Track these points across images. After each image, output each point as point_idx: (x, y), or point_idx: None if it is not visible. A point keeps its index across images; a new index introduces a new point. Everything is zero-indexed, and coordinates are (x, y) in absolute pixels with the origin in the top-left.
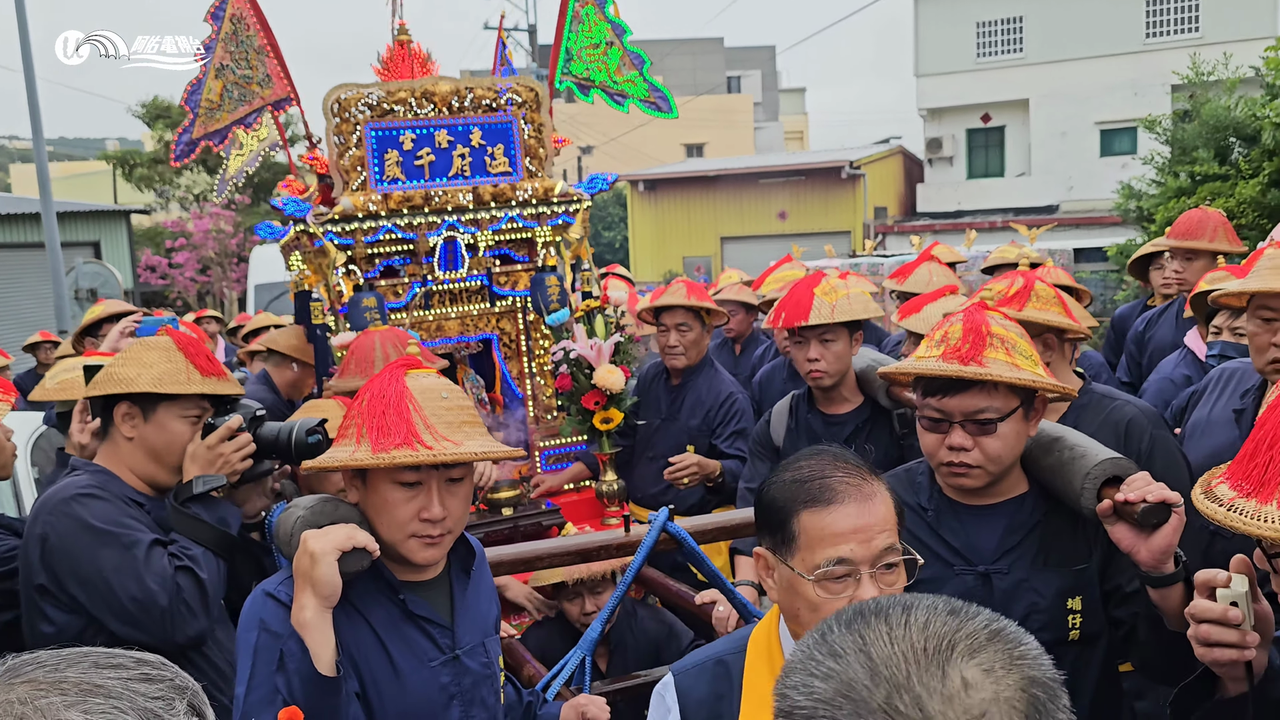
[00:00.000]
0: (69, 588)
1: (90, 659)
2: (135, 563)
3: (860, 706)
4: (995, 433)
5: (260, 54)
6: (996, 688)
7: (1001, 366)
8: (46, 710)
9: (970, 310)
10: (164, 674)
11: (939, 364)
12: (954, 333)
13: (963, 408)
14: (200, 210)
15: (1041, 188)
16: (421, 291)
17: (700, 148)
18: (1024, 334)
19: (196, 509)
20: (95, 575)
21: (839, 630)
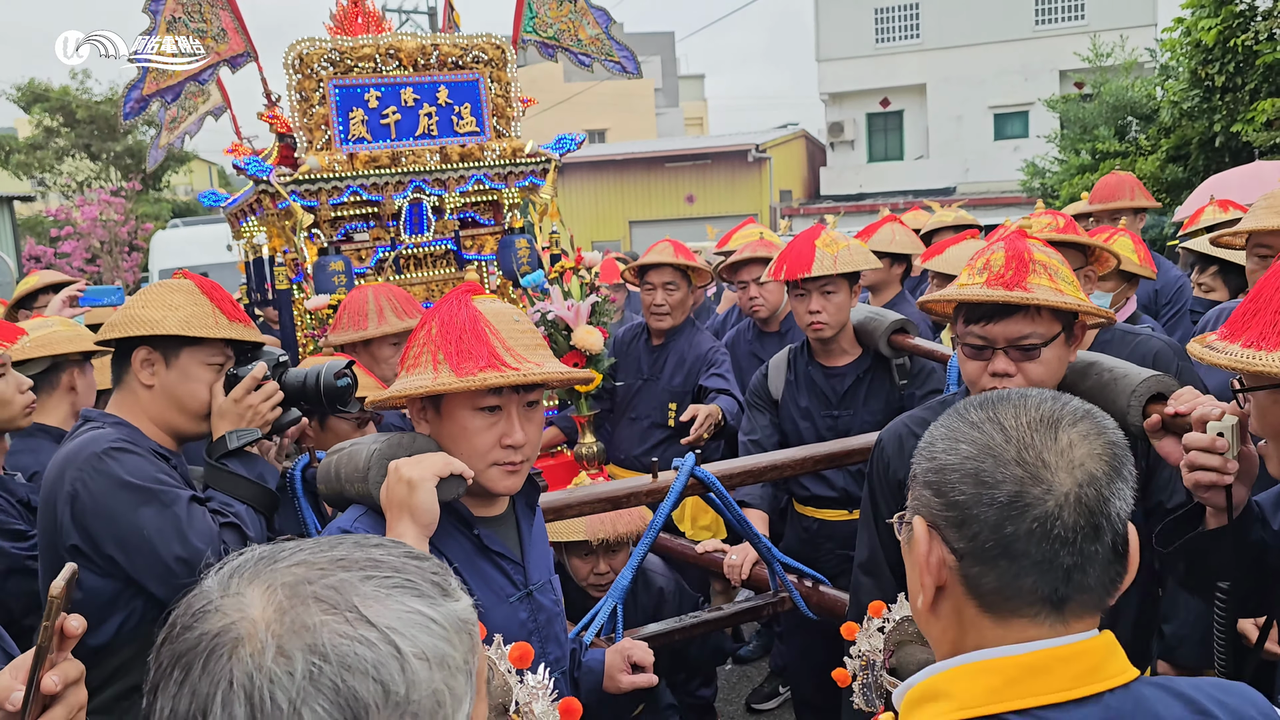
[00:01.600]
0: (106, 549)
1: (347, 540)
2: (178, 521)
3: (999, 459)
4: (1039, 358)
5: (214, 7)
6: (1090, 446)
7: (1046, 292)
8: (341, 587)
9: (1011, 238)
10: (424, 553)
11: (983, 289)
12: (996, 260)
13: (1006, 334)
14: (86, 198)
15: (939, 170)
16: (389, 256)
17: (602, 133)
18: (1065, 261)
19: (234, 465)
20: (135, 535)
21: (975, 411)
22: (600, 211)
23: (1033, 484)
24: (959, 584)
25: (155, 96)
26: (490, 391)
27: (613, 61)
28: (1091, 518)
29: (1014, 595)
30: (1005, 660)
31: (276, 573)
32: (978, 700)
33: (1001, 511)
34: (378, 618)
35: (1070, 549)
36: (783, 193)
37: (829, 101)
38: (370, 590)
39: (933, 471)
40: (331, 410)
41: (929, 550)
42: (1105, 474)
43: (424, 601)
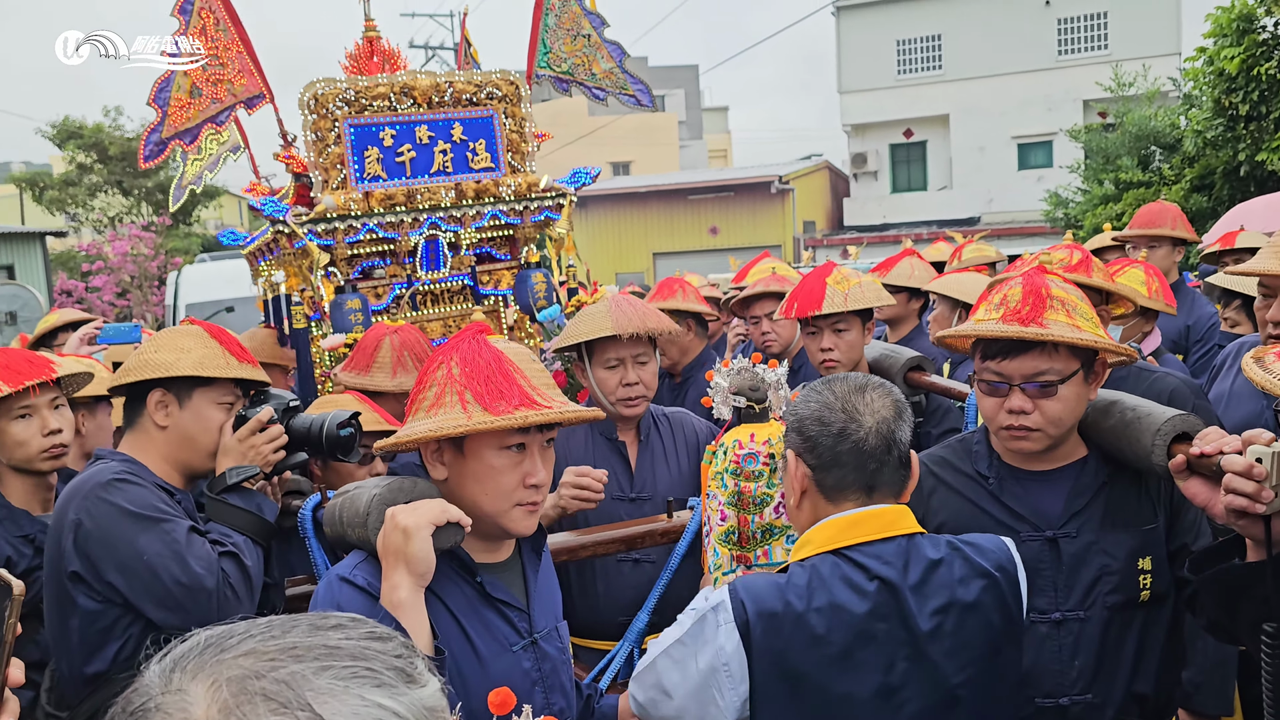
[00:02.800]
0: (106, 575)
1: (302, 623)
2: (177, 546)
3: (831, 409)
4: (1056, 395)
5: (230, 50)
6: (883, 401)
7: (1063, 328)
8: (293, 681)
9: (1030, 273)
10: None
11: (999, 325)
12: (1013, 295)
13: (1023, 370)
14: (117, 232)
15: (963, 200)
16: (405, 293)
17: (626, 166)
18: (1084, 297)
19: (232, 498)
20: (136, 561)
21: (820, 385)
22: (623, 243)
23: (850, 422)
24: (812, 485)
25: (174, 138)
26: (518, 430)
27: (627, 95)
28: (885, 440)
29: (844, 487)
30: (838, 520)
31: (223, 665)
32: (824, 542)
33: (834, 439)
34: (333, 715)
35: (874, 459)
36: (806, 224)
37: (851, 133)
38: (325, 684)
39: (796, 421)
40: (332, 458)
41: (795, 469)
42: (893, 416)
43: (385, 692)
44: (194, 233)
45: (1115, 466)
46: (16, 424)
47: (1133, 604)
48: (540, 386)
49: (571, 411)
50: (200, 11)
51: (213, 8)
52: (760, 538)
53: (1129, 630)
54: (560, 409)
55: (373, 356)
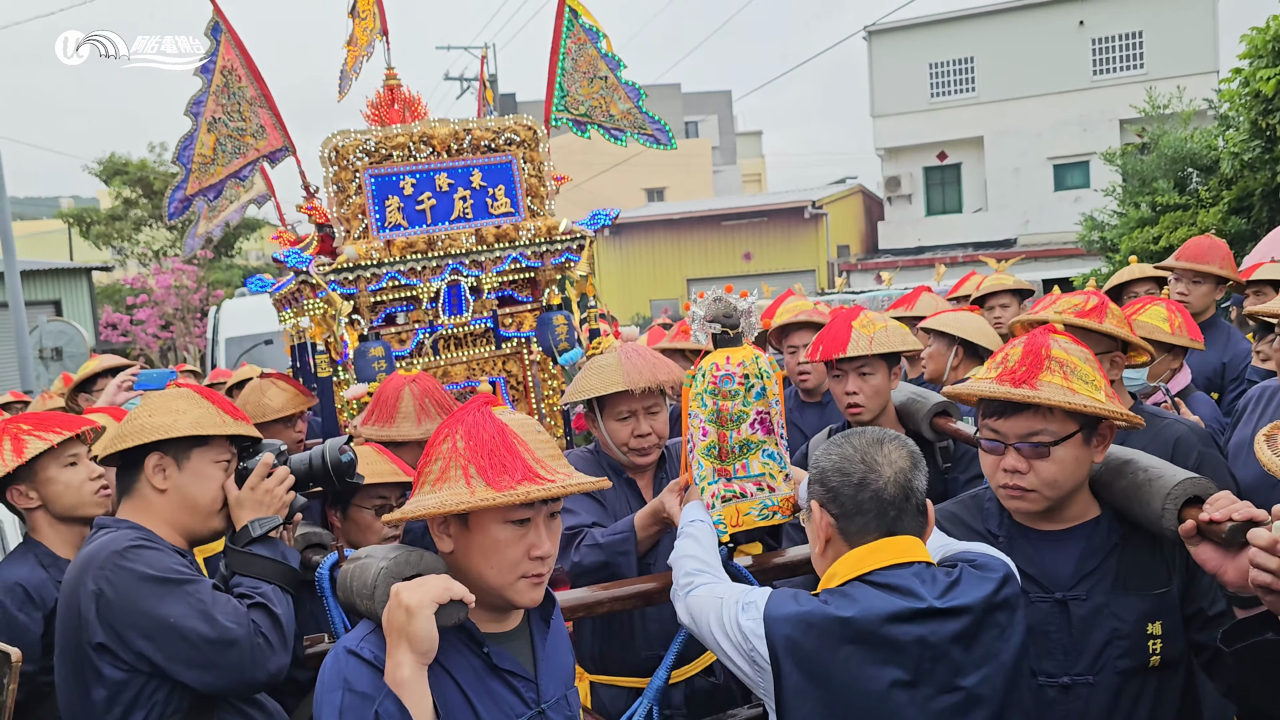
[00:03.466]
0: (134, 644)
1: None
2: (203, 605)
3: (852, 461)
4: (1049, 457)
5: (253, 105)
6: (900, 452)
7: (1055, 390)
8: None
9: (1035, 332)
10: None
11: (992, 385)
12: (1013, 354)
13: (1016, 430)
14: (161, 266)
15: (999, 222)
16: (427, 338)
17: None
18: (1089, 358)
19: (258, 548)
20: (163, 625)
21: (840, 439)
22: (658, 270)
23: (870, 473)
24: (836, 533)
25: (198, 195)
26: (522, 504)
27: (645, 134)
28: (903, 489)
29: (866, 533)
30: (859, 550)
31: None
32: (848, 572)
33: (856, 488)
34: None
35: (893, 506)
36: (840, 248)
37: (885, 156)
38: None
39: (818, 472)
40: (341, 484)
41: (820, 518)
42: (909, 466)
43: None
44: (235, 265)
45: (1129, 527)
46: (67, 471)
47: (1143, 669)
48: (544, 458)
49: (574, 483)
50: (222, 69)
51: (233, 66)
52: (738, 451)
53: (1141, 697)
54: (564, 481)
55: (395, 407)
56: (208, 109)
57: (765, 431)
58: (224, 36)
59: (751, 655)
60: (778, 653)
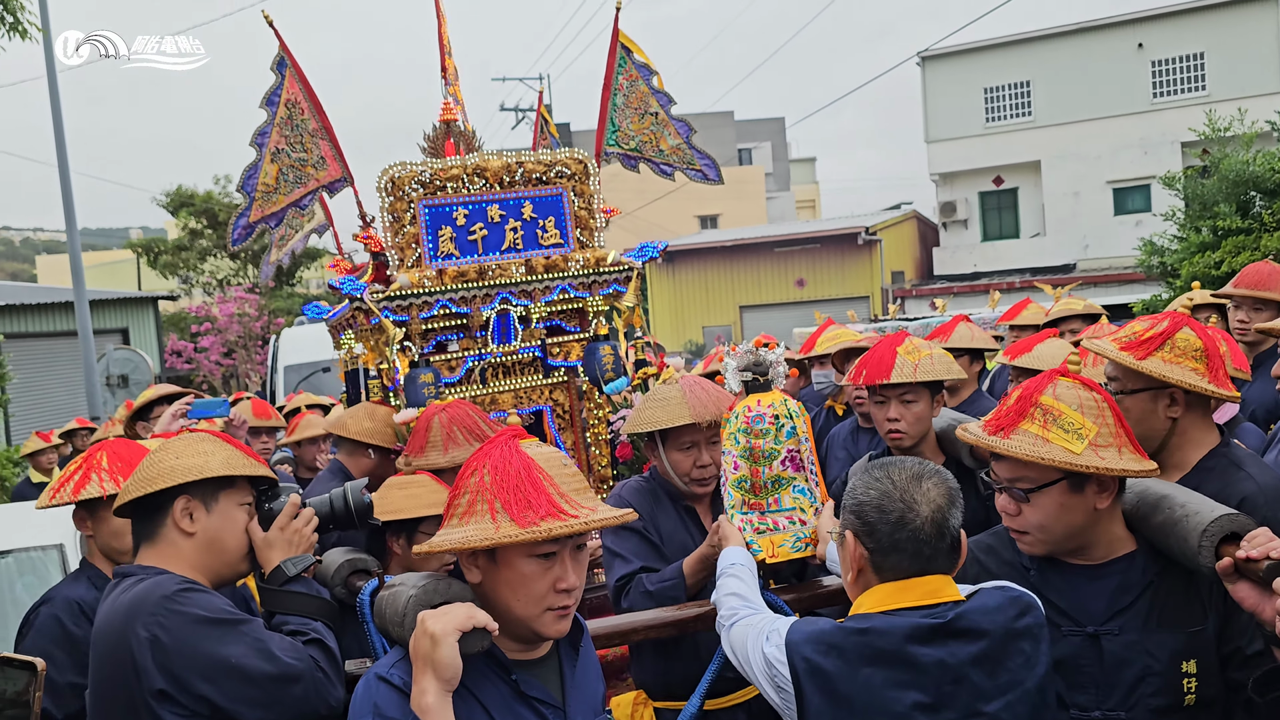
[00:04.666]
0: (195, 687)
1: None
2: (261, 643)
3: (890, 498)
4: (1030, 503)
5: (314, 136)
6: (938, 489)
7: (1024, 439)
8: None
9: (1036, 378)
10: None
11: (977, 431)
12: (1012, 398)
13: (1003, 474)
14: (225, 295)
15: (1056, 247)
16: (476, 365)
17: (714, 219)
18: (1090, 405)
19: (296, 587)
20: (225, 667)
21: (878, 471)
22: (711, 297)
23: (909, 511)
24: (868, 565)
25: (260, 223)
26: (551, 540)
27: (694, 170)
28: (939, 528)
29: (898, 570)
30: (889, 585)
31: None
32: (874, 606)
33: (893, 526)
34: None
35: (929, 545)
36: (894, 274)
37: (940, 181)
38: None
39: (856, 505)
40: (362, 525)
41: (854, 549)
42: (947, 504)
43: None
44: (296, 293)
45: (1165, 563)
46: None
47: (1177, 708)
48: (569, 493)
49: (598, 518)
50: (286, 102)
51: (297, 99)
52: (771, 487)
53: None
54: (587, 517)
55: (425, 437)
56: (271, 140)
57: (795, 468)
58: (289, 71)
59: (775, 680)
60: (799, 675)
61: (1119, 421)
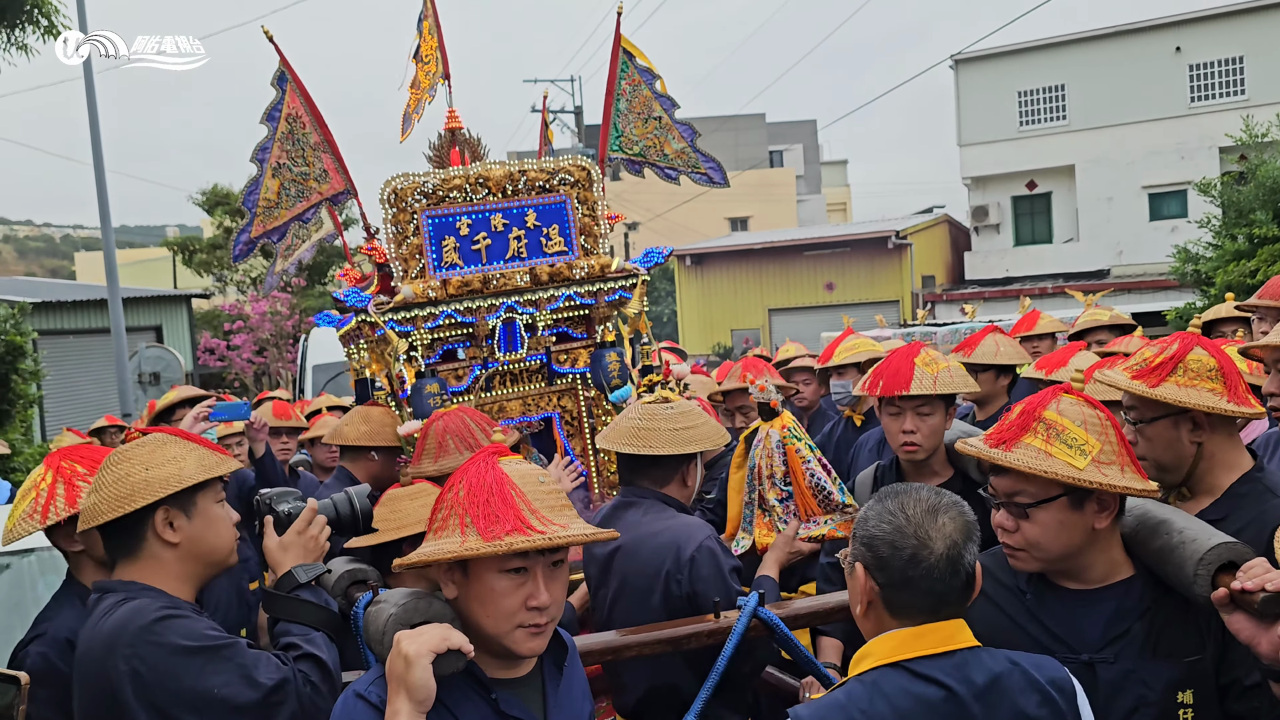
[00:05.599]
0: (180, 718)
1: None
2: (244, 668)
3: (904, 534)
4: (1029, 518)
5: (316, 150)
6: (955, 523)
7: (1027, 453)
8: None
9: (1042, 392)
10: None
11: (978, 443)
12: (1015, 412)
13: (1003, 488)
14: (258, 293)
15: (1090, 253)
16: (483, 374)
17: (744, 221)
18: (1093, 421)
19: (305, 594)
20: (207, 697)
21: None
22: (740, 300)
23: (922, 548)
24: (879, 600)
25: (263, 238)
26: (517, 554)
27: (699, 174)
28: (954, 565)
29: (910, 608)
30: (900, 632)
31: None
32: (885, 655)
33: (906, 563)
34: None
35: (942, 583)
36: (925, 278)
37: (972, 185)
38: None
39: (867, 537)
40: (366, 530)
41: (864, 582)
42: (962, 539)
43: None
44: (328, 292)
45: (1163, 590)
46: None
47: None
48: (542, 510)
49: (566, 535)
50: (287, 117)
51: (299, 113)
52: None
53: None
54: (554, 533)
55: (422, 444)
56: (273, 155)
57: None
58: (289, 85)
59: None
60: None
61: (1121, 441)
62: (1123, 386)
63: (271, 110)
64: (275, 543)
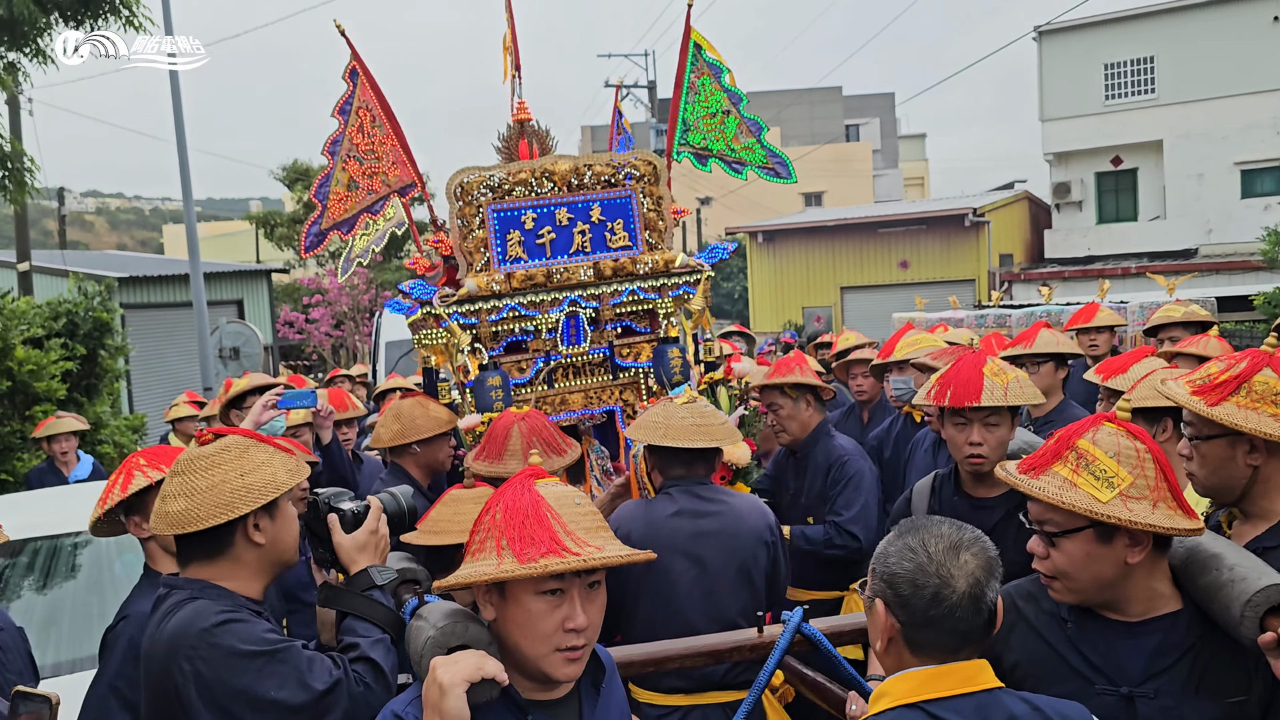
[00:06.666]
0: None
1: None
2: (298, 672)
3: (925, 573)
4: (1057, 547)
5: (385, 144)
6: (978, 560)
7: (1052, 481)
8: None
9: (1084, 420)
10: None
11: (1009, 470)
12: (1053, 439)
13: (1033, 514)
14: (335, 267)
15: (1177, 231)
16: (545, 367)
17: (819, 196)
18: (1128, 454)
19: (377, 594)
20: (265, 700)
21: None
22: (811, 277)
23: (944, 587)
24: (899, 637)
25: (333, 229)
26: (553, 576)
27: (766, 169)
28: (976, 603)
29: (931, 646)
30: (920, 672)
31: None
32: (903, 695)
33: (928, 603)
34: None
35: (965, 622)
36: (1003, 256)
37: (1054, 161)
38: None
39: (888, 574)
40: (410, 529)
41: (885, 619)
42: (985, 576)
43: None
44: (405, 267)
45: (1211, 626)
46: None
47: None
48: (578, 531)
49: (601, 557)
50: (358, 110)
51: (369, 106)
52: None
53: None
54: (590, 555)
55: (504, 445)
56: (343, 148)
57: None
58: (360, 79)
59: None
60: None
61: (1160, 474)
62: (1180, 402)
63: (343, 104)
64: (350, 542)
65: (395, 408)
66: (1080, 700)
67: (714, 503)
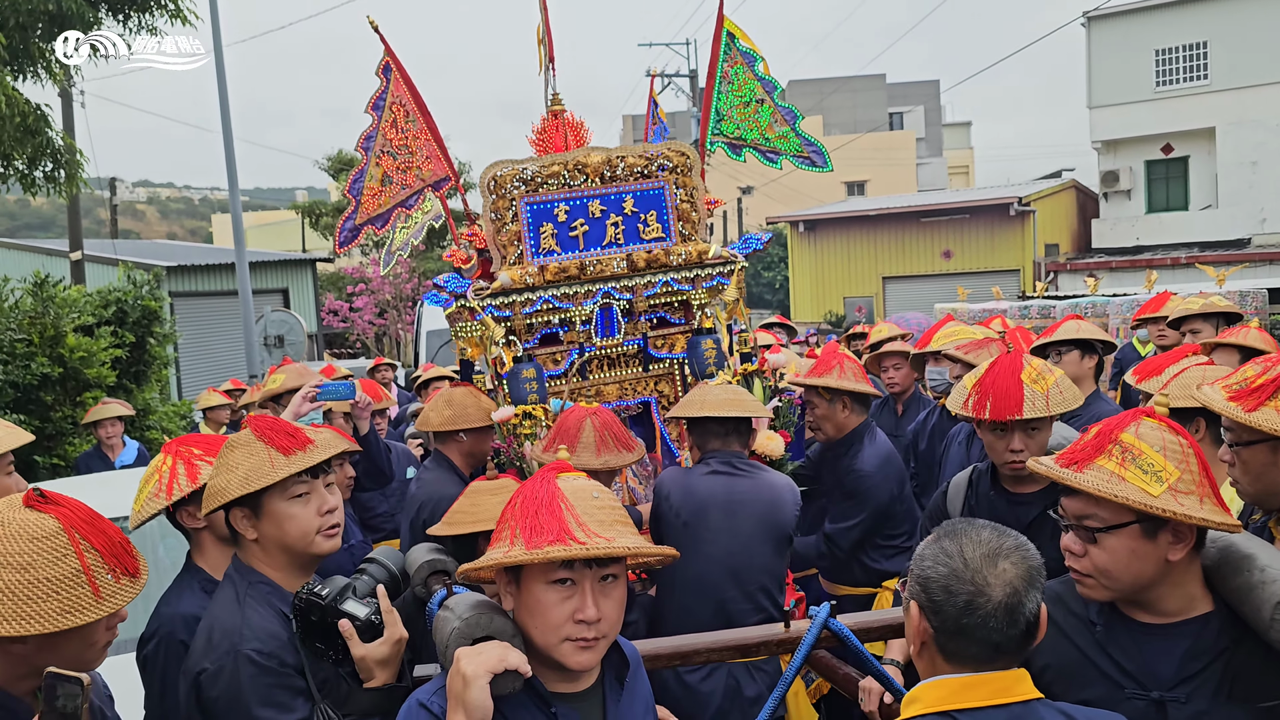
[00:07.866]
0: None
1: None
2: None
3: (960, 579)
4: (1098, 544)
5: (419, 139)
6: (1017, 569)
7: (1099, 475)
8: None
9: (1123, 414)
10: None
11: (1050, 462)
12: (1090, 433)
13: (1072, 510)
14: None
15: (1229, 221)
16: (579, 359)
17: (861, 185)
18: (1173, 448)
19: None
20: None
21: (949, 541)
22: (853, 267)
23: (979, 595)
24: (932, 642)
25: (367, 224)
26: (562, 565)
27: (801, 158)
28: (1011, 614)
29: (963, 655)
30: (952, 680)
31: None
32: (933, 703)
33: (960, 610)
34: None
35: (998, 632)
36: (1049, 246)
37: (1102, 149)
38: None
39: (923, 578)
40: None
41: (919, 622)
42: (1024, 586)
43: None
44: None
45: (1244, 629)
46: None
47: None
48: (589, 523)
49: (607, 547)
50: (392, 106)
51: (403, 101)
52: None
53: None
54: (594, 544)
55: (577, 437)
56: (377, 144)
57: None
58: (394, 75)
59: None
60: None
61: (1204, 471)
62: (1216, 408)
63: (376, 100)
64: (372, 656)
65: (448, 394)
66: (1110, 706)
67: (748, 471)
